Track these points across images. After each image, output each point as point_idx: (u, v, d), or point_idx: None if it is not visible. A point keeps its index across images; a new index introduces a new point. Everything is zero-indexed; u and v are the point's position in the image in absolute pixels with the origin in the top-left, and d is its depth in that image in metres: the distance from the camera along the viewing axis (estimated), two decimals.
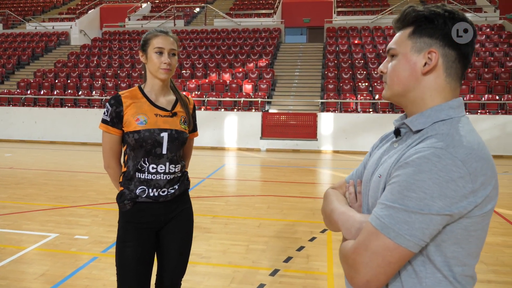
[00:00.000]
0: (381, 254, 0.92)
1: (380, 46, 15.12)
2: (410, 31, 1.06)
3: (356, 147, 11.10)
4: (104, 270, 3.58)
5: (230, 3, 22.46)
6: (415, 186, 0.90)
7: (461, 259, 0.95)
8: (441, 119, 1.01)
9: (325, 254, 4.02)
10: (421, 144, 0.96)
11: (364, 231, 0.97)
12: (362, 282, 0.95)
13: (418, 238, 0.90)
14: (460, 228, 0.93)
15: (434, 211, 0.89)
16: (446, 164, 0.89)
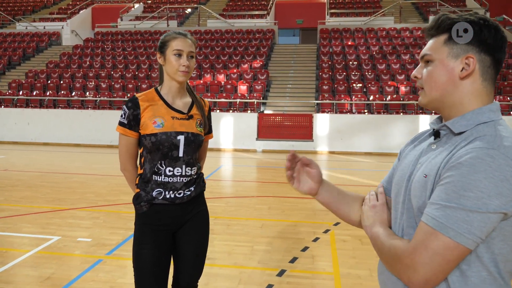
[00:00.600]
0: (442, 253, 0.95)
1: (373, 48, 15.24)
2: (445, 38, 1.09)
3: (351, 147, 11.18)
4: (110, 272, 3.56)
5: (223, 4, 22.46)
6: (472, 185, 0.92)
7: (505, 255, 0.98)
8: (483, 121, 1.04)
9: (330, 254, 4.04)
10: (470, 145, 0.99)
11: (421, 232, 0.99)
12: (421, 281, 0.98)
13: (476, 236, 0.93)
14: (509, 225, 0.96)
15: (491, 210, 0.92)
16: (500, 164, 0.92)
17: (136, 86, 13.91)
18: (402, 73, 13.30)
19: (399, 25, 16.71)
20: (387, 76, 13.30)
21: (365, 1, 20.69)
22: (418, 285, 0.99)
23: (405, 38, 15.69)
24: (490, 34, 1.05)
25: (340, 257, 3.98)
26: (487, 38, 1.05)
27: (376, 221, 1.20)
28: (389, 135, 11.03)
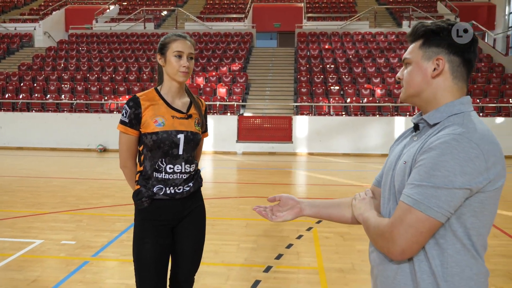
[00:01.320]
0: (414, 225, 1.08)
1: (349, 51, 15.57)
2: (420, 43, 1.24)
3: (330, 149, 11.39)
4: (98, 273, 3.57)
5: (200, 7, 22.47)
6: (440, 166, 1.06)
7: (477, 229, 1.11)
8: (454, 113, 1.18)
9: (314, 251, 4.16)
10: (441, 133, 1.13)
11: (398, 209, 1.12)
12: (399, 251, 1.11)
13: (444, 210, 1.06)
14: (477, 201, 1.09)
15: (457, 186, 1.05)
16: (464, 147, 1.06)
17: (113, 89, 13.77)
18: (377, 76, 13.65)
19: (374, 29, 17.14)
20: (363, 79, 13.62)
21: (341, 6, 21.11)
22: (396, 255, 1.12)
23: (380, 42, 16.10)
24: (454, 28, 1.18)
25: (324, 253, 4.11)
26: (456, 41, 1.18)
27: (366, 208, 1.32)
28: (366, 137, 11.31)
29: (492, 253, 4.07)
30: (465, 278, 1.11)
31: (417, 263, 1.14)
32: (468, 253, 1.12)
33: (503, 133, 10.90)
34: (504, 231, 4.80)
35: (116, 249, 4.15)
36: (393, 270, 1.19)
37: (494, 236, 4.63)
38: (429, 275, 1.12)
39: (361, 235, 4.65)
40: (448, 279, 1.11)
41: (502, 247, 4.34)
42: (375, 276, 1.28)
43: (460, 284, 1.11)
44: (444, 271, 1.11)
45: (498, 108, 12.03)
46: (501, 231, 4.81)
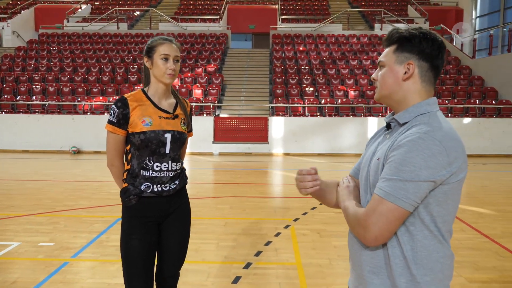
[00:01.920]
0: (385, 215, 1.21)
1: (323, 53, 15.85)
2: (394, 48, 1.38)
3: (305, 149, 11.59)
4: (78, 274, 3.57)
5: (174, 7, 22.36)
6: (407, 161, 1.19)
7: (442, 217, 1.25)
8: (421, 113, 1.31)
9: (291, 247, 4.28)
10: (409, 131, 1.27)
11: (372, 201, 1.25)
12: (372, 238, 1.24)
13: (412, 200, 1.20)
14: (441, 192, 1.23)
15: (422, 179, 1.18)
16: (428, 144, 1.20)
17: (86, 90, 13.56)
18: (351, 77, 13.96)
19: (347, 32, 17.50)
20: (337, 81, 13.91)
21: (315, 8, 21.44)
22: (370, 241, 1.25)
23: (353, 44, 16.46)
24: (428, 45, 1.32)
25: (301, 249, 4.24)
26: (425, 48, 1.32)
27: (348, 197, 1.43)
28: (340, 137, 11.56)
29: (459, 246, 4.30)
30: (432, 260, 1.24)
31: (390, 249, 1.26)
32: (435, 238, 1.25)
33: (470, 133, 11.36)
34: (471, 225, 5.06)
35: (96, 249, 4.15)
36: (369, 255, 1.31)
37: (462, 230, 4.88)
38: (401, 259, 1.25)
39: (337, 232, 4.81)
40: (417, 262, 1.23)
41: (469, 240, 4.59)
42: (353, 261, 1.40)
43: (428, 266, 1.24)
44: (414, 255, 1.24)
45: (466, 109, 12.52)
46: (468, 225, 5.07)
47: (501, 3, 17.29)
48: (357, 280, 1.37)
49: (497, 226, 5.03)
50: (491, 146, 11.49)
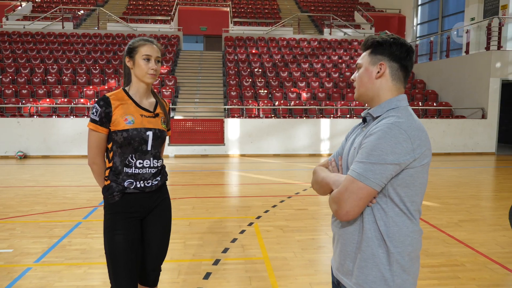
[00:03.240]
0: (355, 192, 1.40)
1: (275, 56, 16.19)
2: (369, 51, 1.58)
3: (261, 150, 11.80)
4: (44, 278, 3.49)
5: (122, 7, 21.85)
6: (376, 147, 1.39)
7: (410, 197, 1.44)
8: (392, 107, 1.51)
9: (257, 243, 4.42)
10: (379, 123, 1.46)
11: (345, 180, 1.45)
12: (343, 212, 1.43)
13: (378, 180, 1.39)
14: (407, 175, 1.42)
15: (388, 162, 1.38)
16: (395, 133, 1.39)
17: (31, 92, 12.93)
18: (303, 80, 14.39)
19: (298, 35, 17.99)
20: (290, 83, 14.28)
21: (266, 12, 21.82)
22: (342, 215, 1.44)
23: (304, 48, 16.96)
24: (397, 48, 1.53)
25: (267, 244, 4.39)
26: (395, 51, 1.53)
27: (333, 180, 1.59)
28: (294, 138, 11.89)
29: None
30: (403, 235, 1.44)
31: (367, 225, 1.45)
32: (405, 215, 1.45)
33: None
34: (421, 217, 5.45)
35: (59, 253, 4.06)
36: (350, 232, 1.50)
37: None
38: (377, 233, 1.44)
39: (298, 227, 5.02)
40: (390, 236, 1.43)
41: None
42: (337, 240, 1.58)
43: (399, 239, 1.44)
44: (387, 229, 1.43)
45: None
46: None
47: (439, 12, 18.57)
48: (340, 255, 1.55)
49: (443, 217, 5.47)
50: (433, 145, 12.31)
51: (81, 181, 7.91)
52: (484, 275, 3.68)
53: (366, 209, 1.45)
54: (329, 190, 1.58)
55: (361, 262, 1.46)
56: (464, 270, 3.77)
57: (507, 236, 4.78)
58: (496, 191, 7.42)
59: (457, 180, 8.18)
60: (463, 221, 5.34)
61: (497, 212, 5.83)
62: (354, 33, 18.67)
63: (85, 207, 5.89)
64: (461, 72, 13.45)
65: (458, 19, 17.41)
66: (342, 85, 14.39)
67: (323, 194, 1.64)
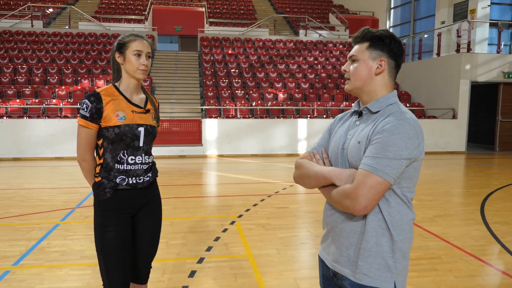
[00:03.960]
0: (375, 187, 1.42)
1: (252, 57, 16.25)
2: (367, 45, 1.59)
3: (239, 150, 11.82)
4: (25, 281, 3.41)
5: (95, 6, 21.44)
6: (391, 143, 1.42)
7: (409, 188, 1.51)
8: (390, 103, 1.56)
9: (240, 241, 4.45)
10: (387, 119, 1.49)
11: (360, 175, 1.44)
12: (361, 207, 1.43)
13: (394, 174, 1.43)
14: (411, 168, 1.48)
15: (404, 157, 1.42)
16: (406, 129, 1.44)
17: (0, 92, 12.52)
18: (279, 81, 14.50)
19: (274, 36, 18.12)
20: (267, 84, 14.36)
21: (241, 13, 21.86)
22: (360, 211, 1.44)
23: (280, 49, 17.08)
24: (395, 45, 1.57)
25: (250, 242, 4.42)
26: (394, 48, 1.57)
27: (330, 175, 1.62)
28: (272, 138, 11.97)
29: None
30: (404, 222, 1.51)
31: (371, 216, 1.49)
32: (405, 205, 1.51)
33: None
34: None
35: (38, 256, 3.96)
36: (353, 224, 1.52)
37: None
38: (382, 223, 1.49)
39: (280, 225, 5.07)
40: (394, 224, 1.49)
41: None
42: (336, 233, 1.59)
43: (402, 226, 1.50)
44: (391, 218, 1.49)
45: None
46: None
47: (411, 15, 19.10)
48: (341, 247, 1.56)
49: (418, 213, 5.64)
50: None
51: (56, 183, 7.72)
52: (460, 266, 3.83)
53: None
54: (323, 184, 1.58)
55: (364, 252, 1.50)
56: (441, 263, 3.91)
57: (479, 230, 4.98)
58: (467, 187, 7.70)
59: (431, 178, 8.44)
60: (438, 217, 5.52)
61: (469, 208, 6.06)
62: (329, 34, 18.96)
63: (62, 209, 5.75)
64: (433, 74, 13.88)
65: (429, 22, 17.97)
66: (318, 86, 14.59)
67: (312, 187, 1.64)
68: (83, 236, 4.55)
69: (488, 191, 7.18)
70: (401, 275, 1.51)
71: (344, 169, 1.55)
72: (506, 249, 4.34)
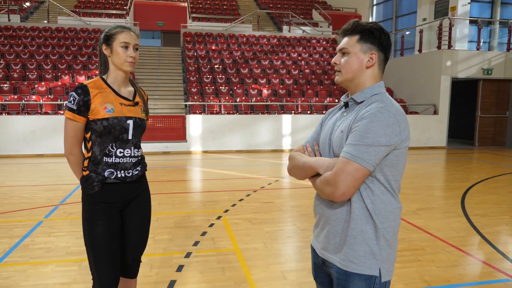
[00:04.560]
0: (352, 173, 1.45)
1: (235, 53, 16.21)
2: (358, 38, 1.60)
3: (224, 146, 11.80)
4: (10, 278, 3.35)
5: (74, 0, 21.02)
6: (370, 130, 1.45)
7: (394, 176, 1.54)
8: (374, 93, 1.59)
9: (227, 235, 4.46)
10: (368, 107, 1.53)
11: (339, 163, 1.48)
12: (340, 193, 1.47)
13: (373, 161, 1.46)
14: (393, 156, 1.51)
15: (382, 144, 1.45)
16: (385, 116, 1.47)
17: None
18: (263, 77, 14.51)
19: (257, 32, 18.10)
20: (251, 80, 14.36)
21: (224, 8, 21.76)
22: (339, 197, 1.48)
23: (263, 45, 17.08)
24: (385, 38, 1.60)
25: (236, 236, 4.44)
26: (383, 41, 1.60)
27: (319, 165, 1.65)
28: (257, 134, 11.99)
29: None
30: (388, 211, 1.53)
31: (355, 204, 1.52)
32: (389, 193, 1.54)
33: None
34: None
35: (22, 253, 3.89)
36: (338, 212, 1.56)
37: None
38: (365, 211, 1.52)
39: (266, 219, 5.10)
40: (376, 212, 1.52)
41: None
42: (324, 221, 1.63)
43: (385, 215, 1.53)
44: (374, 207, 1.51)
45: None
46: None
47: (393, 12, 19.33)
48: (328, 235, 1.60)
49: (401, 206, 5.74)
50: None
51: (38, 180, 7.58)
52: (442, 257, 3.92)
53: None
54: (311, 174, 1.62)
55: (350, 239, 1.53)
56: (424, 254, 4.00)
57: (460, 222, 5.11)
58: (448, 181, 7.88)
59: (413, 172, 8.59)
60: (420, 209, 5.64)
61: (450, 201, 6.20)
62: (312, 31, 19.04)
63: (45, 206, 5.66)
64: (415, 70, 14.10)
65: (411, 19, 18.22)
66: (302, 82, 14.66)
67: (303, 178, 1.68)
68: (67, 233, 4.50)
69: (468, 185, 7.36)
70: (386, 262, 1.54)
71: (328, 159, 1.59)
72: (486, 239, 4.46)
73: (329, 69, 15.61)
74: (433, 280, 3.42)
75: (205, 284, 3.28)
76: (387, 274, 1.55)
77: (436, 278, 3.46)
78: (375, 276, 1.52)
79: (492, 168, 9.26)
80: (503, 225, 5.00)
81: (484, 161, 10.43)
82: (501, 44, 16.03)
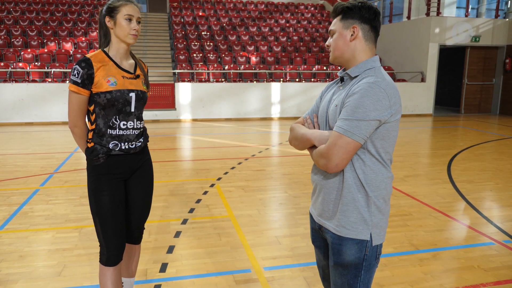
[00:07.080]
0: (344, 147, 1.55)
1: (223, 19, 15.93)
2: (340, 17, 1.70)
3: (213, 114, 11.82)
4: (13, 244, 3.44)
5: None
6: (360, 105, 1.54)
7: (385, 148, 1.64)
8: (368, 68, 1.66)
9: (221, 203, 4.59)
10: (360, 82, 1.61)
11: (332, 136, 1.58)
12: (333, 165, 1.57)
13: (363, 135, 1.55)
14: (383, 129, 1.60)
15: (371, 118, 1.54)
16: (376, 91, 1.55)
17: None
18: (251, 44, 14.36)
19: None
20: (239, 47, 14.21)
21: None
22: (332, 168, 1.59)
23: (251, 11, 16.79)
24: (366, 11, 1.67)
25: (230, 203, 4.58)
26: (364, 14, 1.67)
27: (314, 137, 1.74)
28: (246, 102, 12.00)
29: None
30: (378, 180, 1.64)
31: (347, 174, 1.63)
32: (380, 164, 1.64)
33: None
34: None
35: (22, 220, 3.98)
36: (332, 181, 1.67)
37: None
38: (357, 180, 1.63)
39: (259, 187, 5.24)
40: (368, 182, 1.62)
41: None
42: (319, 190, 1.74)
43: (376, 184, 1.64)
44: (365, 176, 1.62)
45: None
46: None
47: None
48: (323, 203, 1.72)
49: None
50: None
51: (30, 148, 7.57)
52: (429, 222, 4.13)
53: None
54: (308, 145, 1.72)
55: (343, 206, 1.64)
56: (412, 219, 4.20)
57: (446, 188, 5.32)
58: (435, 149, 8.10)
59: (400, 140, 8.79)
60: (408, 176, 5.84)
61: (437, 168, 6.41)
62: None
63: (40, 174, 5.70)
64: (403, 37, 14.09)
65: None
66: (290, 49, 14.57)
67: (302, 149, 1.78)
68: (65, 201, 4.58)
69: (454, 152, 7.59)
70: (377, 227, 1.66)
71: (324, 131, 1.68)
72: (471, 205, 4.69)
73: (317, 36, 15.49)
74: (421, 243, 3.62)
75: (203, 249, 3.43)
76: (378, 239, 1.67)
77: (423, 242, 3.66)
78: (366, 240, 1.64)
79: (477, 135, 9.51)
80: (487, 191, 5.23)
81: (470, 128, 10.69)
82: (489, 11, 16.04)
